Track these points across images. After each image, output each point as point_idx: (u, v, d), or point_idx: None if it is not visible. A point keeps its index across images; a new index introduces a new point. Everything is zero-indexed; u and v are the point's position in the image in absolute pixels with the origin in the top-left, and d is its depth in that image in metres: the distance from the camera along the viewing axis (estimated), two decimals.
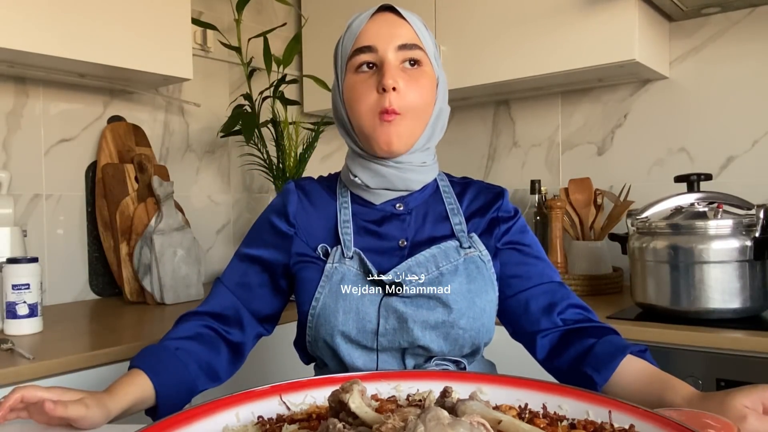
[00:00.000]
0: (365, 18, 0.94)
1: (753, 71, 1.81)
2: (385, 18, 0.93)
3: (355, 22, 0.95)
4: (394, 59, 0.91)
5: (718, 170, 1.86)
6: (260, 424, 0.64)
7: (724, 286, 1.38)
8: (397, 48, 0.91)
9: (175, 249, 1.77)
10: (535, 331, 0.95)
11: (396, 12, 0.94)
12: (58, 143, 1.80)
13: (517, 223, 1.02)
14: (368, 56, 0.92)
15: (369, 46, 0.92)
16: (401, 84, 0.90)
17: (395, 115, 0.90)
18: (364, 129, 0.93)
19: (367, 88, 0.92)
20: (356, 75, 0.93)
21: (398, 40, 0.91)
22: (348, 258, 0.93)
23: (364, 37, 0.92)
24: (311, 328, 0.93)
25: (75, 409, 0.75)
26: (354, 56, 0.93)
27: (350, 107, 0.94)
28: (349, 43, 0.94)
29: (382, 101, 0.90)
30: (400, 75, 0.91)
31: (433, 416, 0.49)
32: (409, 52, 0.92)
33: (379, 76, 0.91)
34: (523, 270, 0.98)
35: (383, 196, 0.97)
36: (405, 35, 0.92)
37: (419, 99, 0.92)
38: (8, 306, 1.34)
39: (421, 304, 0.90)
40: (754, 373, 1.25)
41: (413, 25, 0.93)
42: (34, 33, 1.45)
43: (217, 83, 2.21)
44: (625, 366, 0.86)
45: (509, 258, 0.99)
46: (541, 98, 2.19)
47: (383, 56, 0.91)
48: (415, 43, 0.92)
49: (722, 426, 0.62)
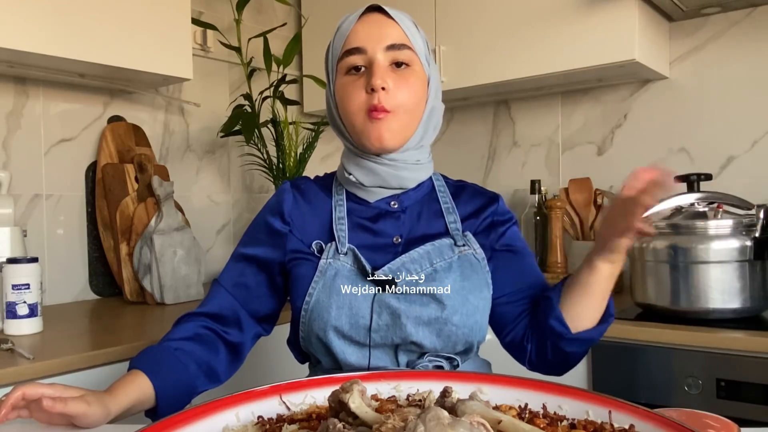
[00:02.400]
0: (354, 19, 0.95)
1: (753, 71, 1.81)
2: (373, 18, 0.94)
3: (344, 24, 0.96)
4: (382, 60, 0.92)
5: (718, 170, 1.86)
6: (260, 424, 0.64)
7: (724, 286, 1.38)
8: (385, 49, 0.92)
9: (175, 249, 1.77)
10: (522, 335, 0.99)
11: (385, 12, 0.94)
12: (58, 143, 1.80)
13: (513, 227, 1.04)
14: (357, 58, 0.93)
15: (358, 47, 0.93)
16: (390, 84, 0.91)
17: (385, 113, 0.91)
18: (355, 127, 0.94)
19: (356, 88, 0.93)
20: (346, 77, 0.94)
21: (387, 41, 0.92)
22: (342, 254, 0.94)
23: (353, 38, 0.93)
24: (304, 323, 0.94)
25: (75, 406, 0.75)
26: (343, 58, 0.94)
27: (341, 107, 0.96)
28: (338, 44, 0.95)
29: (371, 100, 0.91)
30: (389, 75, 0.92)
31: (433, 416, 0.49)
32: (398, 53, 0.93)
33: (368, 76, 0.92)
34: (518, 273, 1.01)
35: (378, 194, 0.98)
36: (393, 35, 0.93)
37: (409, 97, 0.93)
38: (8, 306, 1.34)
39: (415, 300, 0.90)
40: (754, 373, 1.25)
41: (402, 24, 0.94)
42: (34, 33, 1.44)
43: (217, 83, 2.21)
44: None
45: (503, 261, 1.00)
46: (541, 98, 2.19)
47: (372, 57, 0.92)
48: (403, 43, 0.93)
49: (722, 426, 0.62)
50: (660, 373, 1.34)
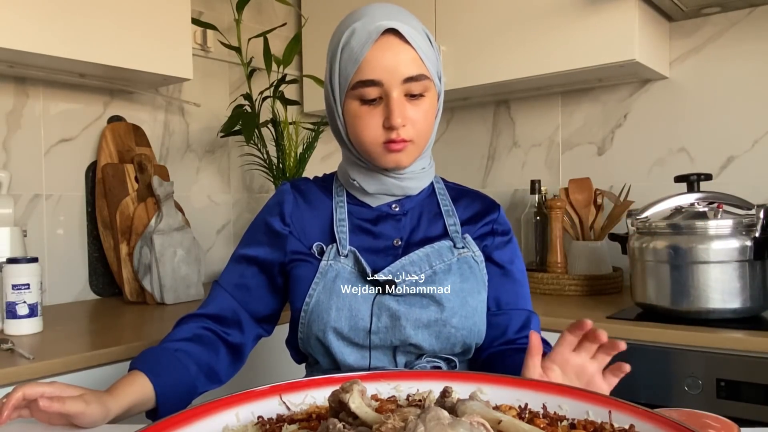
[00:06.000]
0: (368, 43, 0.88)
1: (753, 71, 1.81)
2: (388, 44, 0.89)
3: (354, 42, 0.89)
4: (398, 94, 0.89)
5: (718, 170, 1.86)
6: (260, 424, 0.64)
7: (724, 286, 1.38)
8: (402, 82, 0.89)
9: (175, 249, 1.77)
10: (485, 347, 0.99)
11: (399, 34, 0.89)
12: (58, 143, 1.80)
13: (510, 244, 1.03)
14: (372, 91, 0.89)
15: (373, 80, 0.89)
16: (408, 116, 0.90)
17: (404, 143, 0.90)
18: (370, 154, 0.93)
19: (372, 118, 0.90)
20: (360, 106, 0.91)
21: (404, 73, 0.89)
22: (343, 256, 0.94)
23: (368, 69, 0.88)
24: (303, 324, 0.94)
25: (73, 405, 0.75)
26: (357, 87, 0.90)
27: (353, 134, 0.93)
28: (350, 67, 0.90)
29: (389, 134, 0.90)
30: (405, 107, 0.90)
31: (433, 416, 0.48)
32: (415, 84, 0.90)
33: (385, 110, 0.89)
34: (502, 293, 1.00)
35: (380, 200, 0.99)
36: (410, 65, 0.89)
37: (425, 126, 0.93)
38: (8, 306, 1.34)
39: (414, 302, 0.90)
40: (754, 373, 1.25)
41: (417, 48, 0.90)
42: (34, 33, 1.44)
43: (217, 83, 2.21)
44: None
45: (493, 276, 1.00)
46: (541, 98, 2.19)
47: (388, 91, 0.89)
48: (420, 73, 0.90)
49: (722, 426, 0.62)
50: (660, 373, 1.34)
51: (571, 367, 0.78)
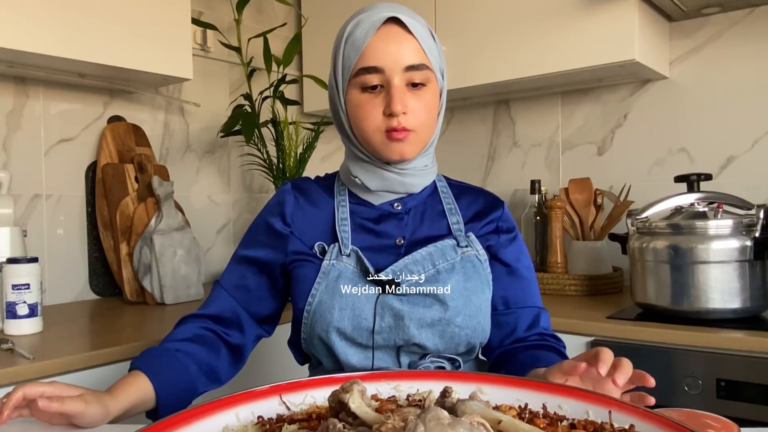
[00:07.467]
0: (371, 31, 0.90)
1: (753, 71, 1.81)
2: (391, 32, 0.90)
3: (357, 31, 0.91)
4: (400, 81, 0.90)
5: (718, 170, 1.86)
6: (260, 424, 0.64)
7: (724, 286, 1.38)
8: (403, 69, 0.90)
9: (175, 249, 1.77)
10: (494, 347, 0.99)
11: (402, 23, 0.90)
12: (58, 143, 1.80)
13: (515, 241, 1.02)
14: (374, 77, 0.90)
15: (375, 67, 0.89)
16: (409, 105, 0.90)
17: (405, 132, 0.90)
18: (372, 144, 0.93)
19: (373, 107, 0.91)
20: (362, 94, 0.92)
21: (405, 61, 0.90)
22: (345, 255, 0.93)
23: (370, 56, 0.90)
24: (306, 324, 0.93)
25: (73, 405, 0.74)
26: (359, 75, 0.91)
27: (355, 124, 0.94)
28: (352, 56, 0.91)
29: (391, 122, 0.90)
30: (406, 96, 0.90)
31: (433, 416, 0.48)
32: (416, 73, 0.90)
33: (386, 98, 0.90)
34: (510, 291, 1.00)
35: (383, 197, 0.98)
36: (412, 53, 0.90)
37: (427, 117, 0.93)
38: (8, 306, 1.34)
39: (418, 301, 0.90)
40: (754, 373, 1.25)
41: (419, 39, 0.91)
42: (34, 33, 1.44)
43: (217, 83, 2.21)
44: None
45: (500, 275, 1.00)
46: (541, 98, 2.19)
47: (390, 78, 0.90)
48: (422, 62, 0.91)
49: (722, 426, 0.62)
50: (660, 373, 1.34)
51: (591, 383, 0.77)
